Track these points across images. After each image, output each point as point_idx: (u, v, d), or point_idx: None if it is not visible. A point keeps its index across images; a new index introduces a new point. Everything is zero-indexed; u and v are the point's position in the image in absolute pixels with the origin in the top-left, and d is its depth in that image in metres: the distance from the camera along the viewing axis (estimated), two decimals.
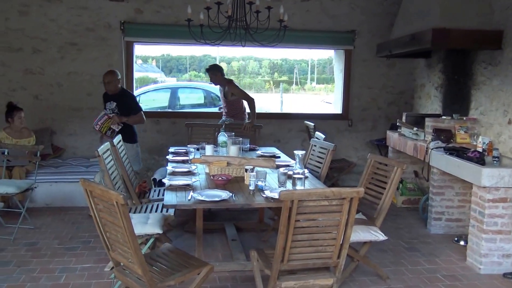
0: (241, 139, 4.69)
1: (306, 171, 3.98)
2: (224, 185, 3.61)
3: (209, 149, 4.37)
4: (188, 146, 5.05)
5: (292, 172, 3.66)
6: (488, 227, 3.96)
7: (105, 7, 6.28)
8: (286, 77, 25.42)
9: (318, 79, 25.91)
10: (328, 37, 6.76)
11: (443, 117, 5.31)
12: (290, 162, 4.48)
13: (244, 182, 3.69)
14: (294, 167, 4.13)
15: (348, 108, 7.04)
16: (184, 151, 4.98)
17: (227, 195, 3.28)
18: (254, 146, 5.30)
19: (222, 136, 4.65)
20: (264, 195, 3.30)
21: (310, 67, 26.16)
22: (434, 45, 4.75)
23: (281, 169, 3.69)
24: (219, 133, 4.81)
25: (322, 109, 14.83)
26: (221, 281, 3.69)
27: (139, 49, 7.60)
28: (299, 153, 4.11)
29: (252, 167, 3.69)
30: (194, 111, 6.97)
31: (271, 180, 3.76)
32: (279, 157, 4.82)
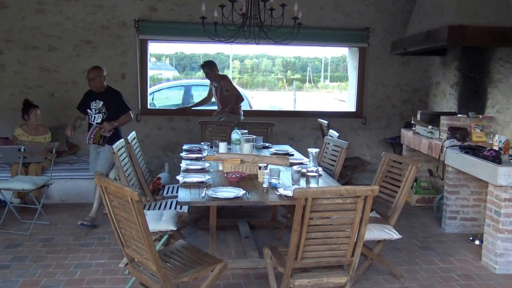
0: (254, 137, 4.69)
1: (320, 169, 3.96)
2: (237, 182, 3.62)
3: (222, 147, 4.38)
4: (201, 143, 5.06)
5: (305, 170, 3.65)
6: (504, 226, 3.90)
7: (119, 5, 6.32)
8: (299, 75, 25.29)
9: (331, 77, 25.74)
10: (342, 34, 6.73)
11: (458, 115, 5.25)
12: (303, 160, 4.47)
13: (258, 180, 3.70)
14: (308, 165, 4.12)
15: (362, 106, 7.00)
16: (198, 148, 4.99)
17: (241, 192, 3.29)
18: (267, 144, 5.30)
19: (236, 134, 4.65)
20: (278, 193, 3.30)
21: (323, 65, 26.00)
22: (450, 42, 4.69)
23: (295, 167, 3.69)
24: (233, 130, 4.82)
25: (335, 107, 14.76)
26: (234, 278, 3.70)
27: (152, 47, 7.63)
28: (313, 151, 4.10)
29: (266, 164, 3.70)
30: (208, 108, 6.95)
31: (284, 178, 3.75)
32: (292, 155, 4.82)
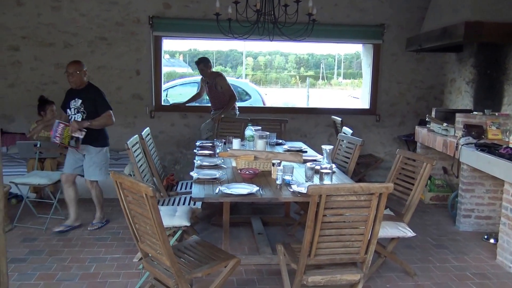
0: (268, 133, 4.69)
1: (334, 166, 3.95)
2: (251, 179, 3.62)
3: (236, 143, 4.39)
4: (215, 140, 5.08)
5: (319, 167, 3.64)
6: None
7: (134, 2, 6.36)
8: (312, 72, 25.22)
9: (344, 74, 25.64)
10: (356, 31, 6.69)
11: (474, 112, 5.19)
12: (317, 157, 4.47)
13: (271, 176, 3.70)
14: (321, 161, 4.11)
15: (376, 103, 6.96)
16: (211, 144, 5.01)
17: (254, 189, 3.29)
18: (281, 141, 5.30)
19: (249, 130, 4.65)
20: (291, 190, 3.30)
21: (336, 61, 25.90)
22: (467, 38, 4.64)
23: (308, 164, 3.68)
24: (246, 127, 4.83)
25: (349, 104, 14.69)
26: (247, 274, 3.72)
27: (166, 44, 7.65)
28: (326, 147, 4.08)
29: (279, 161, 3.70)
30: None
31: (298, 175, 3.75)
32: (306, 151, 4.81)
